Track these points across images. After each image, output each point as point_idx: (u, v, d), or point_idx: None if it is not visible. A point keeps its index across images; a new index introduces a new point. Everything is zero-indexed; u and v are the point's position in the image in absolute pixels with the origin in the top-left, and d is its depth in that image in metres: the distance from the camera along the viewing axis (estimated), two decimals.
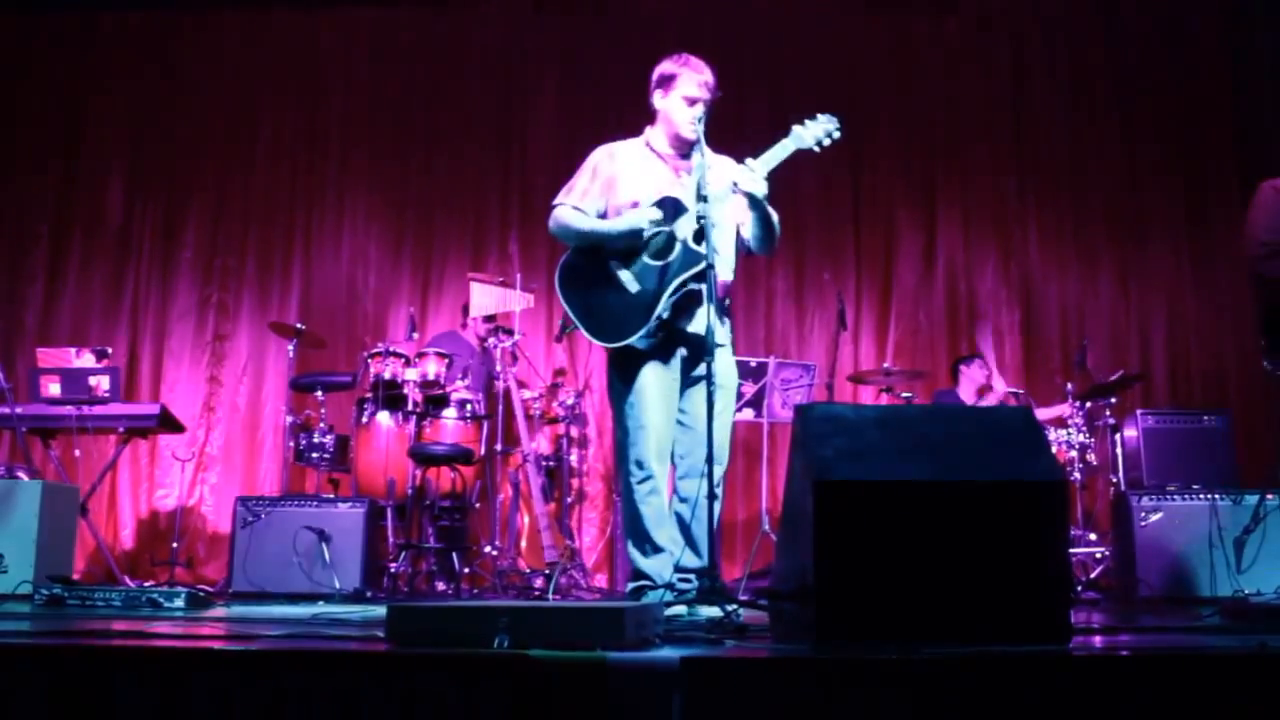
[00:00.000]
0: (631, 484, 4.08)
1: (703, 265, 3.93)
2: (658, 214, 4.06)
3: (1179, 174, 8.22)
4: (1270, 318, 4.56)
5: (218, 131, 8.53)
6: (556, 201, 4.28)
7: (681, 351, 4.14)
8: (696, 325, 4.07)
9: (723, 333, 4.14)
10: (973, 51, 8.47)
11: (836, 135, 4.19)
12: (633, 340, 4.02)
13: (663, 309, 4.01)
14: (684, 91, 4.24)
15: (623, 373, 4.13)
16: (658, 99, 4.31)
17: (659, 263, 4.05)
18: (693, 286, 4.03)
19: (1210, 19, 8.37)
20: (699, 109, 4.19)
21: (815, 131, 4.18)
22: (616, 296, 4.07)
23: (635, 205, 4.16)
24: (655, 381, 4.08)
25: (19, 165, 8.52)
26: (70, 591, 4.39)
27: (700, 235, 3.97)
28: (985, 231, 8.23)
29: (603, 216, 4.23)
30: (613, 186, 4.23)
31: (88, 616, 3.95)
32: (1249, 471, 6.30)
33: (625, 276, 4.08)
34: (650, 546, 4.05)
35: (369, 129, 8.52)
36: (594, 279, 4.12)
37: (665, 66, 4.31)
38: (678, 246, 4.05)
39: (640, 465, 4.06)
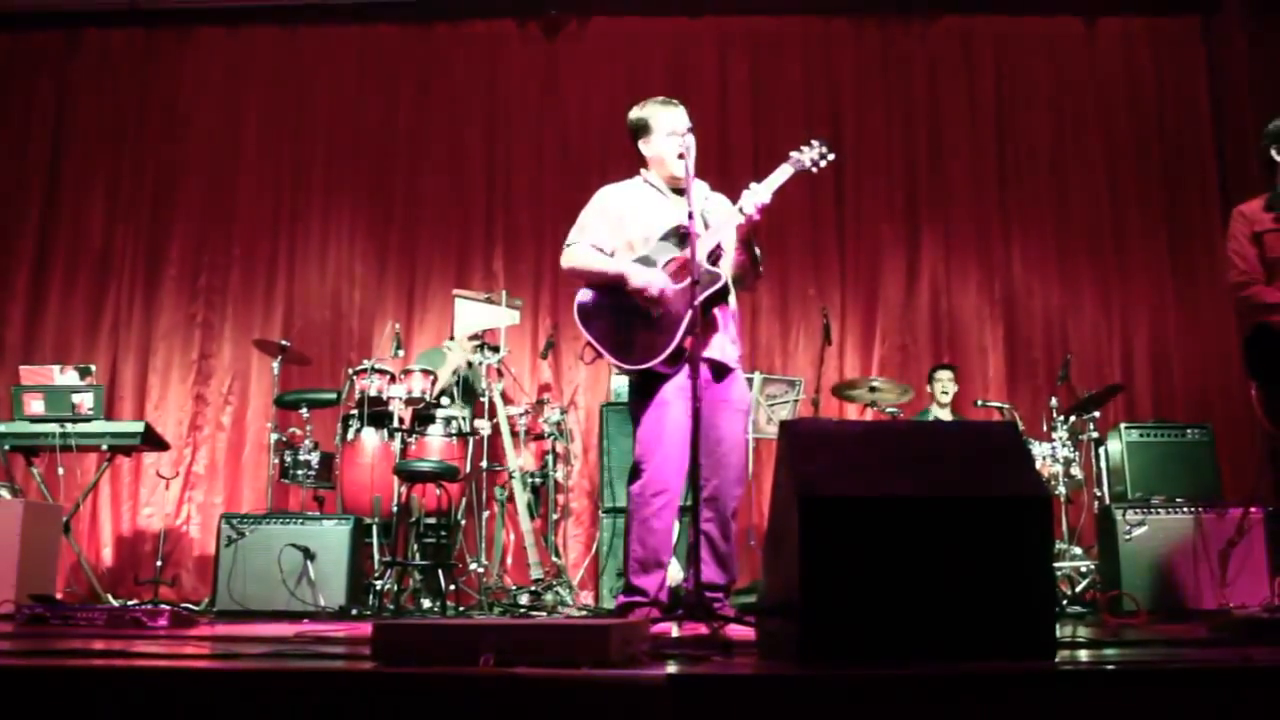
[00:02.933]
0: (646, 496, 4.09)
1: (722, 284, 4.12)
2: (668, 285, 4.11)
3: (1161, 189, 8.29)
4: (1257, 340, 4.59)
5: (201, 148, 8.52)
6: (571, 241, 4.36)
7: (704, 375, 4.12)
8: (713, 350, 4.19)
9: (733, 355, 4.30)
10: (956, 67, 8.53)
11: (831, 157, 4.32)
12: (660, 360, 4.06)
13: (688, 328, 4.02)
14: (666, 129, 4.33)
15: (646, 392, 4.16)
16: (643, 146, 4.42)
17: (678, 286, 4.10)
18: (714, 311, 4.17)
19: (1192, 34, 8.45)
20: (686, 138, 4.20)
21: (812, 154, 4.30)
22: (644, 325, 4.13)
23: (647, 240, 4.24)
24: (676, 402, 4.10)
25: (1, 182, 8.49)
26: (53, 610, 4.36)
27: (715, 257, 4.15)
28: (968, 246, 8.27)
29: (612, 253, 4.32)
30: (622, 222, 4.34)
31: (71, 636, 3.93)
32: (1232, 484, 6.34)
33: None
34: (654, 563, 4.07)
35: (353, 145, 8.52)
36: (617, 311, 4.17)
37: (636, 114, 4.43)
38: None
39: (657, 481, 4.09)
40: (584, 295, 4.25)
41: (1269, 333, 4.49)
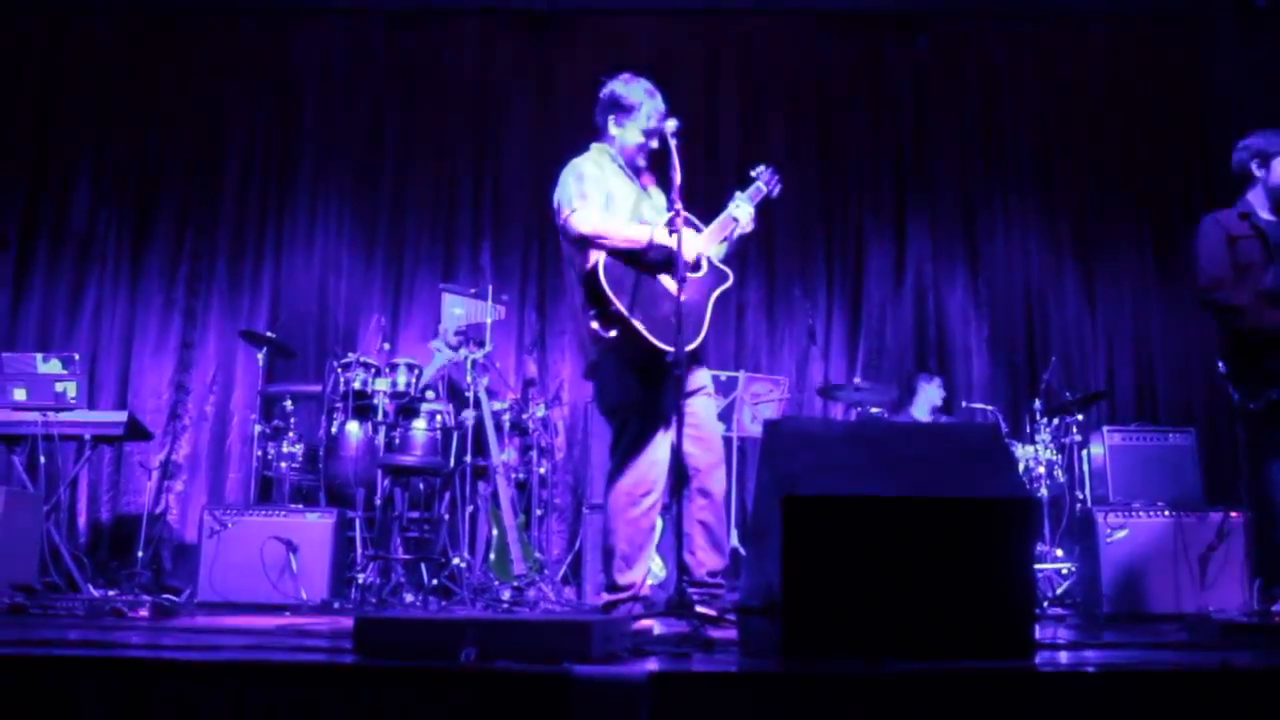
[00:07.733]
0: (636, 495, 4.06)
1: (730, 281, 4.28)
2: (703, 246, 4.22)
3: (1147, 192, 8.32)
4: (1232, 344, 4.61)
5: (187, 138, 8.44)
6: (574, 208, 4.07)
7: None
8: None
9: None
10: (943, 69, 8.54)
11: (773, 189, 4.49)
12: (692, 347, 4.04)
13: (710, 321, 4.13)
14: (642, 124, 4.27)
15: (652, 384, 4.05)
16: (612, 125, 4.33)
17: (696, 275, 4.14)
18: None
19: (1180, 38, 8.48)
20: (653, 142, 4.27)
21: (767, 179, 4.46)
22: (668, 304, 3.97)
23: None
24: (670, 395, 3.96)
25: None
26: (33, 600, 4.34)
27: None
28: (955, 248, 8.29)
29: None
30: (611, 200, 4.19)
31: (51, 625, 3.91)
32: (1213, 489, 6.37)
33: (671, 286, 3.98)
34: (639, 560, 4.06)
35: (342, 138, 8.47)
36: (641, 284, 4.00)
37: (622, 93, 4.31)
38: (705, 263, 4.21)
39: (649, 480, 4.07)
40: (604, 259, 4.01)
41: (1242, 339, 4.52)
